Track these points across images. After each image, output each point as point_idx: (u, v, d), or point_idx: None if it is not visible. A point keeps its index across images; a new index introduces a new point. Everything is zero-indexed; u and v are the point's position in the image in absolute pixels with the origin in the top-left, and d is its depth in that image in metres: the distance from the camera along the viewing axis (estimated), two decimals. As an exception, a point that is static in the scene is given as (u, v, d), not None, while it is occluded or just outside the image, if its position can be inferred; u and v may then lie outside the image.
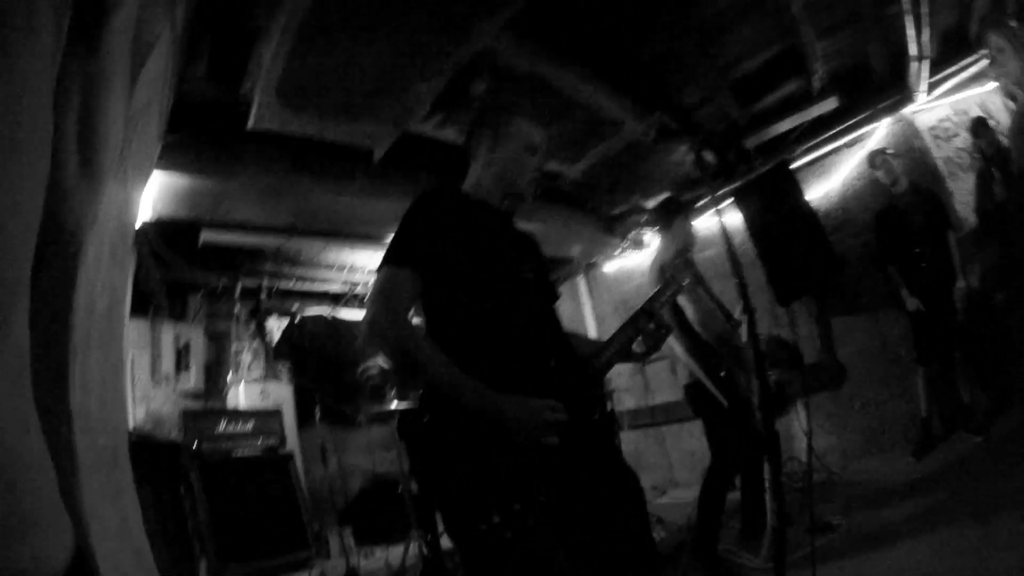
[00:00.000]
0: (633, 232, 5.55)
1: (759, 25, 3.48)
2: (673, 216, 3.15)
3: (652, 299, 1.57)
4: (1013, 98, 3.12)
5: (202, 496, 3.68)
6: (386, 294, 1.38)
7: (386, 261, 1.43)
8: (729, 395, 2.93)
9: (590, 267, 6.36)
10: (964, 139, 4.42)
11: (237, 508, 3.99)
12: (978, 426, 3.81)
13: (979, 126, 4.01)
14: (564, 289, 6.48)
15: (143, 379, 4.87)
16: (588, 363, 1.54)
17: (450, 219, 1.49)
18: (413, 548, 3.60)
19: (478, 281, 1.45)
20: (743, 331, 3.28)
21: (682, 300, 2.93)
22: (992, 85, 4.15)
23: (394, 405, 3.89)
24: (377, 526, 4.23)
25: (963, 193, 4.36)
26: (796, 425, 4.60)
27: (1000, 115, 4.22)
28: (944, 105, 4.56)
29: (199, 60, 2.49)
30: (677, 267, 1.64)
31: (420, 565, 3.42)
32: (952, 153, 4.50)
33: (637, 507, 1.52)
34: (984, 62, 3.97)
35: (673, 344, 3.08)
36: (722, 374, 2.95)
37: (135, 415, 4.58)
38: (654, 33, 3.20)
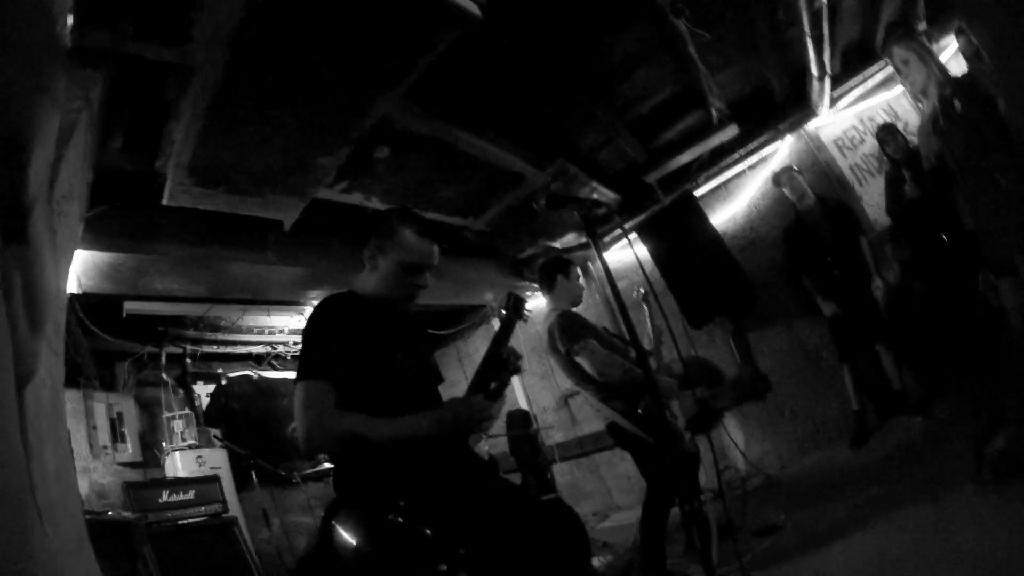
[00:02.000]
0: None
1: (654, 68, 3.75)
2: (554, 277, 3.35)
3: (492, 349, 1.85)
4: (920, 102, 3.41)
5: (157, 571, 3.72)
6: (310, 405, 1.61)
7: (302, 376, 1.67)
8: (650, 430, 3.06)
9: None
10: (871, 145, 4.64)
11: (193, 577, 4.03)
12: (916, 407, 4.03)
13: (886, 132, 4.19)
14: (480, 332, 6.74)
15: (82, 452, 4.91)
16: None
17: (345, 326, 1.74)
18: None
19: (371, 373, 1.71)
20: (657, 357, 3.54)
21: (578, 358, 3.12)
22: (899, 89, 4.40)
23: (326, 464, 4.01)
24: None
25: (873, 196, 4.64)
26: (727, 437, 4.89)
27: (909, 116, 4.48)
28: (849, 115, 4.81)
29: (116, 134, 2.67)
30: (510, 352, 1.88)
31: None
32: (859, 160, 4.79)
33: (570, 541, 1.69)
34: (890, 69, 4.16)
35: (586, 396, 3.29)
36: (639, 411, 3.08)
37: (80, 489, 4.59)
38: (551, 87, 3.43)
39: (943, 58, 4.00)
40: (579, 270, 3.45)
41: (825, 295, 4.27)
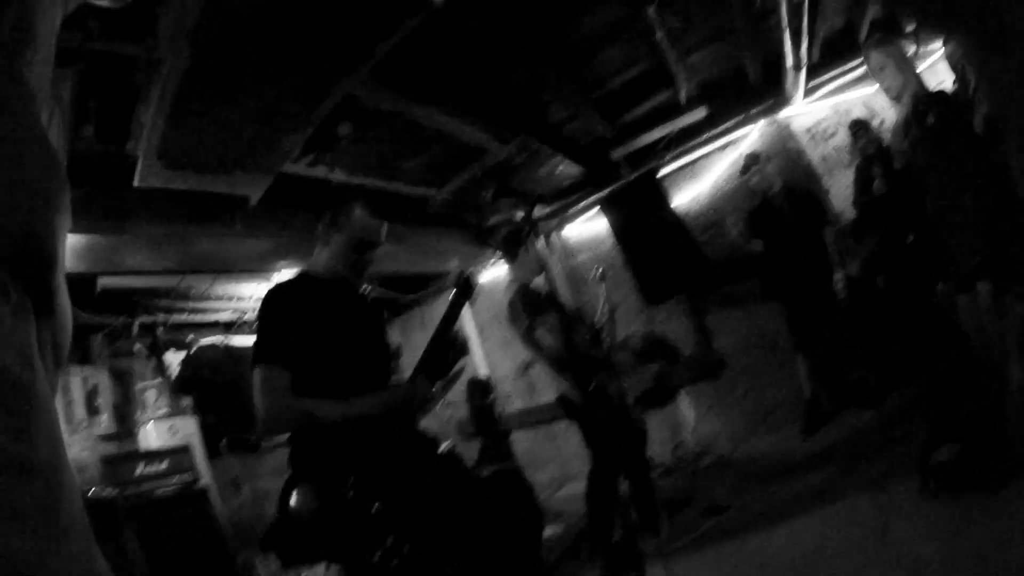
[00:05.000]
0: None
1: (625, 47, 3.87)
2: (516, 248, 3.50)
3: (440, 330, 2.03)
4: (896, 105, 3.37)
5: (136, 546, 3.93)
6: (267, 389, 1.79)
7: (258, 360, 1.84)
8: (600, 404, 3.28)
9: (467, 278, 6.66)
10: (843, 137, 4.69)
11: (168, 550, 4.21)
12: (869, 401, 4.18)
13: (858, 126, 4.30)
14: (444, 298, 6.80)
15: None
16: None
17: (299, 308, 1.91)
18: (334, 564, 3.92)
19: (325, 355, 1.89)
20: (611, 332, 3.77)
21: (537, 333, 3.30)
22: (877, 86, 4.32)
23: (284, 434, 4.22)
24: (296, 548, 4.52)
25: (840, 188, 4.76)
26: (680, 414, 5.13)
27: (886, 113, 4.53)
28: (824, 105, 4.88)
29: (87, 122, 2.79)
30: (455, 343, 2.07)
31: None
32: (830, 151, 4.91)
33: (517, 516, 1.96)
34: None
35: (542, 365, 3.51)
36: (590, 387, 3.26)
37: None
38: (517, 63, 3.58)
39: (930, 62, 4.10)
40: (542, 240, 3.64)
41: (784, 281, 4.42)
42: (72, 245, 3.31)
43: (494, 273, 6.36)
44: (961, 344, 3.43)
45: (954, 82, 3.19)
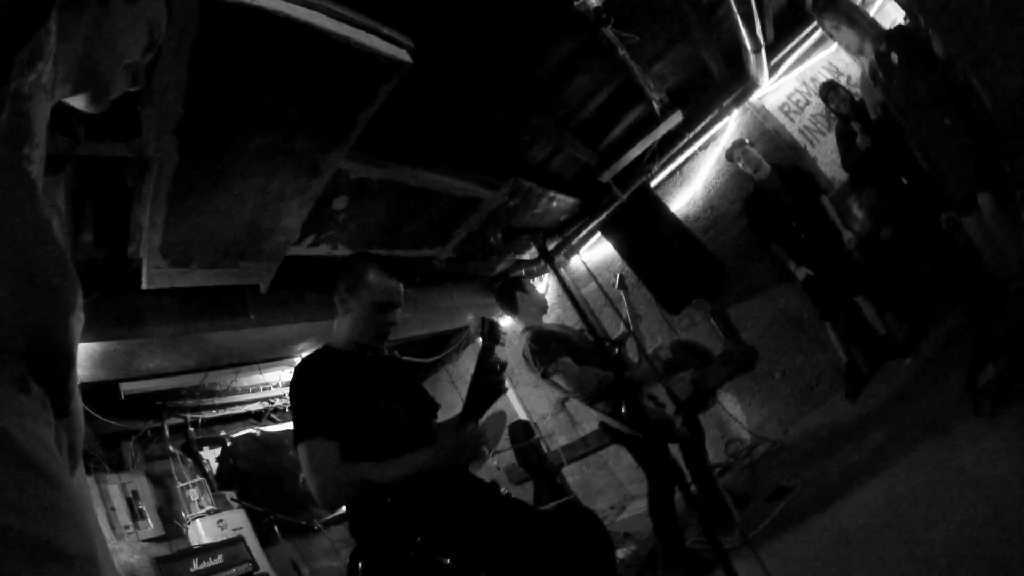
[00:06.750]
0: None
1: (591, 72, 3.89)
2: (513, 297, 3.53)
3: (476, 376, 1.96)
4: (859, 58, 3.47)
5: None
6: (317, 465, 1.75)
7: (301, 437, 1.80)
8: (638, 424, 3.26)
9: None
10: (817, 105, 4.80)
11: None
12: (905, 349, 4.18)
13: (828, 89, 4.32)
14: (467, 353, 6.95)
15: (105, 535, 5.05)
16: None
17: (330, 379, 1.89)
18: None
19: (365, 423, 1.86)
20: (639, 339, 3.73)
21: (555, 378, 3.30)
22: (835, 45, 4.43)
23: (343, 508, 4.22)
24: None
25: (826, 155, 4.81)
26: (725, 412, 5.10)
27: (851, 69, 4.65)
28: (791, 79, 4.97)
29: (85, 229, 2.81)
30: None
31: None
32: (807, 122, 4.97)
33: (589, 543, 1.91)
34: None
35: (575, 402, 3.51)
36: (623, 410, 3.26)
37: (111, 573, 4.75)
38: (492, 108, 3.57)
39: (879, 4, 4.21)
40: (549, 274, 3.62)
41: (796, 260, 4.43)
42: (89, 353, 3.32)
43: (506, 325, 6.35)
44: (977, 266, 3.44)
45: (905, 17, 3.27)
